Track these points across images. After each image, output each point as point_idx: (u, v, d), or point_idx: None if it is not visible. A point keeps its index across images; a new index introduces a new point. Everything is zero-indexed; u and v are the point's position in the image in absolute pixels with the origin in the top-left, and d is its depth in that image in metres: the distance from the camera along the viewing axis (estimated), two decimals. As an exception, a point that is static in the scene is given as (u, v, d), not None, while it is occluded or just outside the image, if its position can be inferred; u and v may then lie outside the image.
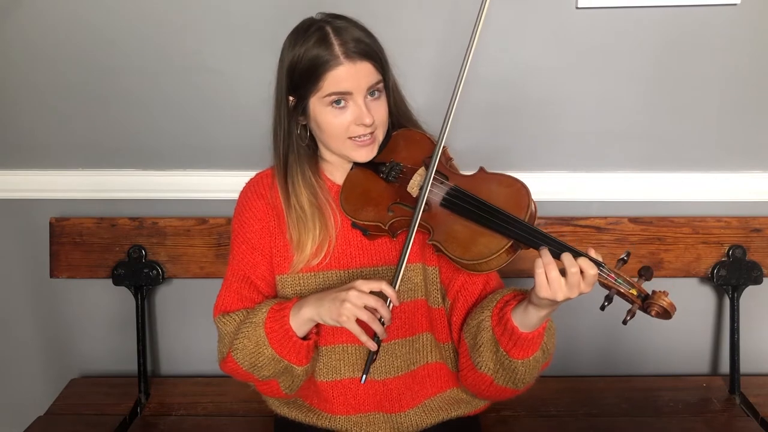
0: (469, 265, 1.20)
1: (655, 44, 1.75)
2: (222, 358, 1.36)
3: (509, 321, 1.20)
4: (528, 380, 1.26)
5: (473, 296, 1.35)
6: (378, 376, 1.36)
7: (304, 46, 1.23)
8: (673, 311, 1.10)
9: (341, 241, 1.33)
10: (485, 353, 1.26)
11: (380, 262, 1.34)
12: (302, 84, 1.24)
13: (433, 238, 1.23)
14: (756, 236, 1.82)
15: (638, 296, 1.11)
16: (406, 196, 1.28)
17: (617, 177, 1.85)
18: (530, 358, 1.22)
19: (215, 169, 1.88)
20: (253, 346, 1.28)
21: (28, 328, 2.04)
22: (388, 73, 1.29)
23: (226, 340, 1.34)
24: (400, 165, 1.32)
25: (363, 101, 1.24)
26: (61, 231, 1.87)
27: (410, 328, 1.37)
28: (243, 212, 1.38)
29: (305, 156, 1.33)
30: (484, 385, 1.30)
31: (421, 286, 1.35)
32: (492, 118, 1.81)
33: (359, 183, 1.33)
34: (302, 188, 1.31)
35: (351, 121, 1.25)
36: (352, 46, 1.21)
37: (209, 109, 1.84)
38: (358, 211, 1.30)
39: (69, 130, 1.87)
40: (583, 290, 1.10)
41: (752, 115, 1.81)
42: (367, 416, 1.38)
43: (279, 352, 1.27)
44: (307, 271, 1.34)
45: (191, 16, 1.77)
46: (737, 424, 1.72)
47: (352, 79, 1.22)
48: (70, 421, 1.77)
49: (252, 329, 1.28)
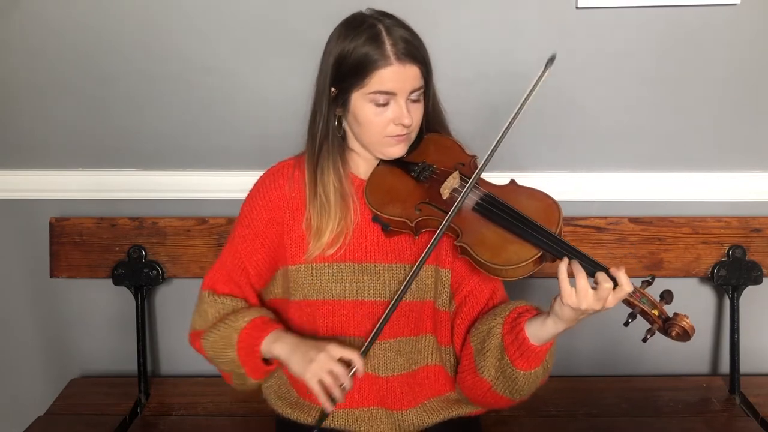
0: (495, 269, 1.21)
1: (655, 44, 1.76)
2: (193, 332, 1.43)
3: (522, 331, 1.22)
4: (525, 393, 1.28)
5: (480, 304, 1.36)
6: (382, 372, 1.37)
7: (354, 42, 1.24)
8: (692, 333, 1.14)
9: (358, 234, 1.34)
10: (490, 359, 1.27)
11: (395, 259, 1.35)
12: (348, 78, 1.25)
13: (462, 240, 1.24)
14: (756, 236, 1.82)
15: (659, 317, 1.15)
16: (437, 197, 1.30)
17: (617, 177, 1.86)
18: (532, 372, 1.24)
19: (215, 169, 1.88)
20: (222, 345, 1.34)
21: (28, 328, 2.04)
22: (431, 79, 1.31)
23: (202, 318, 1.41)
24: (433, 167, 1.34)
25: (404, 103, 1.26)
26: (61, 231, 1.87)
27: (415, 328, 1.37)
28: (256, 199, 1.39)
29: (338, 146, 1.34)
30: (482, 391, 1.31)
31: (432, 287, 1.36)
32: (491, 118, 1.80)
33: (387, 178, 1.35)
34: (331, 176, 1.32)
35: (390, 120, 1.26)
36: (402, 47, 1.22)
37: (209, 109, 1.84)
38: (383, 205, 1.31)
39: (69, 130, 1.87)
40: (608, 304, 1.13)
41: (752, 115, 1.81)
42: (369, 411, 1.38)
43: (241, 360, 1.33)
44: (322, 261, 1.34)
45: (191, 16, 1.77)
46: (737, 424, 1.73)
47: (398, 81, 1.23)
48: (70, 421, 1.77)
49: (228, 331, 1.34)
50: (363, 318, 1.34)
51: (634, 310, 1.16)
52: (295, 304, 1.38)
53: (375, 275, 1.33)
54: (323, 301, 1.34)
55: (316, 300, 1.35)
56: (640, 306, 1.15)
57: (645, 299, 1.15)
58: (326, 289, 1.34)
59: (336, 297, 1.34)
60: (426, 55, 1.27)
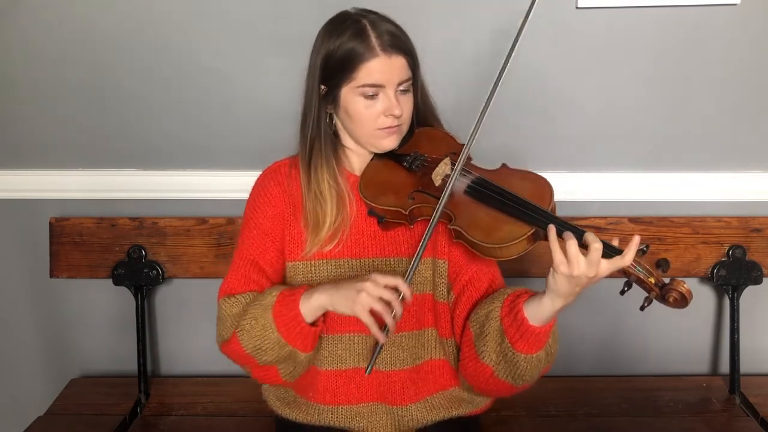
0: (489, 249, 1.21)
1: (655, 44, 1.76)
2: (223, 340, 1.37)
3: (520, 311, 1.21)
4: (527, 378, 1.26)
5: (479, 292, 1.36)
6: (384, 367, 1.37)
7: (340, 38, 1.26)
8: (690, 297, 1.12)
9: (355, 230, 1.35)
10: (490, 343, 1.26)
11: (392, 253, 1.36)
12: (336, 74, 1.27)
13: (455, 224, 1.25)
14: (756, 236, 1.82)
15: (656, 284, 1.13)
16: (429, 184, 1.31)
17: (617, 177, 1.86)
18: (533, 355, 1.22)
19: (215, 169, 1.88)
20: (260, 329, 1.29)
21: (28, 328, 2.04)
22: (418, 71, 1.33)
23: (228, 323, 1.35)
24: (424, 155, 1.36)
25: (394, 94, 1.27)
26: (61, 231, 1.87)
27: (417, 322, 1.37)
28: (257, 198, 1.40)
29: (330, 144, 1.35)
30: (484, 377, 1.30)
31: (430, 280, 1.37)
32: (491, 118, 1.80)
33: (380, 171, 1.37)
34: (325, 174, 1.33)
35: (381, 112, 1.28)
36: (387, 39, 1.25)
37: (209, 109, 1.84)
38: (377, 197, 1.33)
39: (69, 130, 1.87)
40: (602, 272, 1.11)
41: (752, 115, 1.81)
42: (368, 406, 1.38)
43: (285, 336, 1.27)
44: (320, 257, 1.35)
45: (191, 16, 1.77)
46: (737, 424, 1.73)
47: (386, 72, 1.25)
48: (70, 421, 1.77)
49: (260, 311, 1.29)
50: None
51: (630, 278, 1.14)
52: None
53: (373, 270, 1.33)
54: None
55: None
56: (635, 274, 1.13)
57: (640, 267, 1.13)
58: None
59: None
60: (412, 46, 1.30)
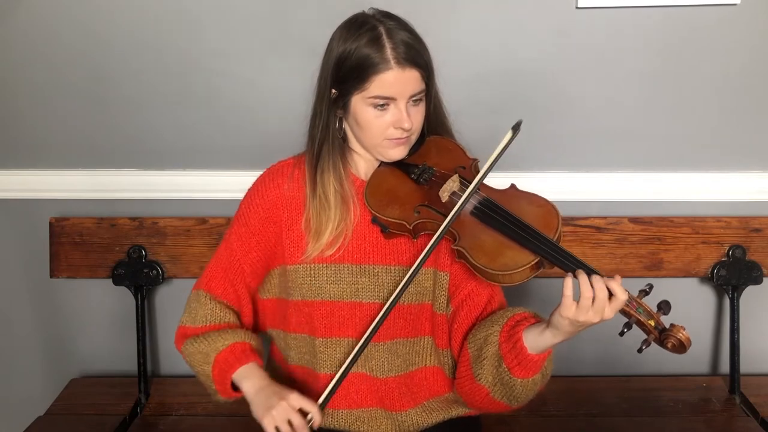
0: (492, 274, 1.20)
1: (655, 44, 1.76)
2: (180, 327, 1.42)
3: (519, 340, 1.22)
4: (523, 399, 1.28)
5: (478, 308, 1.36)
6: (378, 373, 1.37)
7: (355, 43, 1.22)
8: (689, 345, 1.13)
9: (357, 235, 1.34)
10: (487, 367, 1.27)
11: (393, 261, 1.34)
12: (348, 80, 1.24)
13: (459, 244, 1.24)
14: (756, 236, 1.82)
15: (656, 328, 1.14)
16: (436, 199, 1.29)
17: (617, 177, 1.86)
18: (530, 379, 1.24)
19: (215, 169, 1.88)
20: (201, 359, 1.35)
21: (28, 328, 2.04)
22: (432, 81, 1.30)
23: (191, 317, 1.41)
24: (433, 169, 1.33)
25: (405, 107, 1.25)
26: (61, 231, 1.87)
27: (413, 330, 1.37)
28: (253, 197, 1.39)
29: (338, 148, 1.33)
30: (480, 397, 1.31)
31: (430, 290, 1.36)
32: (491, 118, 1.81)
33: (387, 180, 1.34)
34: (331, 178, 1.32)
35: (390, 123, 1.26)
36: (402, 51, 1.21)
37: (209, 109, 1.84)
38: (383, 207, 1.31)
39: (69, 130, 1.87)
40: (606, 316, 1.12)
41: (752, 115, 1.81)
42: (368, 411, 1.38)
43: (214, 378, 1.34)
44: (320, 261, 1.34)
45: (191, 16, 1.77)
46: (737, 424, 1.73)
47: (399, 85, 1.22)
48: (70, 421, 1.77)
49: (207, 349, 1.35)
50: (360, 319, 1.34)
51: (630, 320, 1.15)
52: (293, 304, 1.38)
53: (373, 277, 1.33)
54: (321, 302, 1.34)
55: (314, 300, 1.34)
56: (636, 316, 1.14)
57: (641, 309, 1.15)
58: (324, 290, 1.33)
59: (333, 298, 1.33)
60: (428, 58, 1.26)
